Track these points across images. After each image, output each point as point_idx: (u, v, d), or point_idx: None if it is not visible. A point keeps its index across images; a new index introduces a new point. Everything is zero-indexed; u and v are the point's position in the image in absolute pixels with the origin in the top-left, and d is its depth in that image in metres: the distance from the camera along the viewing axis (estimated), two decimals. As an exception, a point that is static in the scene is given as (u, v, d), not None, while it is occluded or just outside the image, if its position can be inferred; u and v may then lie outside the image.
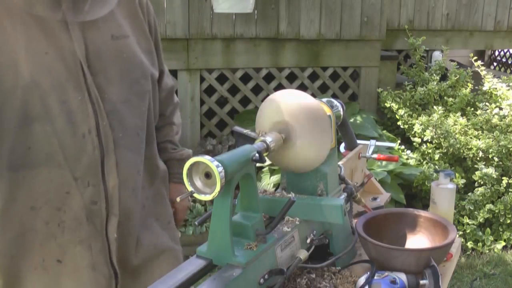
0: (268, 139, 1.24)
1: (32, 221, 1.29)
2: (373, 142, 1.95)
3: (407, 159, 4.09)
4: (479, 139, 3.94)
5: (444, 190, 1.66)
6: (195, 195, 1.10)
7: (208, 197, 1.08)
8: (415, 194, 4.04)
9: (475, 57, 4.52)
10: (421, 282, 1.29)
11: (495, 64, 6.89)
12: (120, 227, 1.37)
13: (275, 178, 3.57)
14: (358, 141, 1.90)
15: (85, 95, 1.28)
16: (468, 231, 3.69)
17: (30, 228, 1.29)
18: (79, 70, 1.28)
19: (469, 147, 3.90)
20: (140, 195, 1.42)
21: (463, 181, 3.85)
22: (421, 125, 4.10)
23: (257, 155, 1.16)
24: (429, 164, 4.00)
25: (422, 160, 4.12)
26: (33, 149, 1.25)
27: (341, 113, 1.55)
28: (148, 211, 1.48)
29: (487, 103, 4.30)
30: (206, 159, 1.06)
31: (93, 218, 1.33)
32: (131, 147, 1.38)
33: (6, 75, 1.21)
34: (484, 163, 3.88)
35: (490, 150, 3.83)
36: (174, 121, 1.66)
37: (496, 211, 3.68)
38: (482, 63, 4.53)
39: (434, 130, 4.02)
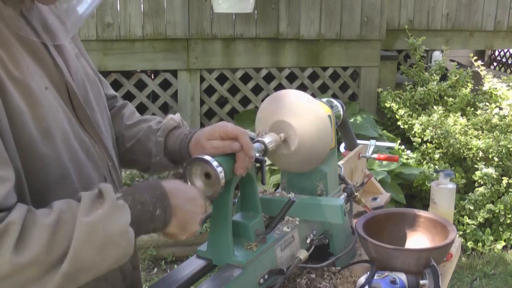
0: (266, 139, 1.23)
1: None
2: (373, 142, 1.95)
3: (407, 159, 4.09)
4: (479, 139, 3.94)
5: (444, 190, 1.66)
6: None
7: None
8: (415, 194, 4.04)
9: (475, 57, 4.52)
10: (421, 282, 1.29)
11: (495, 64, 6.89)
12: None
13: (275, 178, 3.57)
14: (358, 141, 1.90)
15: (86, 135, 1.06)
16: (468, 231, 3.69)
17: None
18: (69, 104, 1.03)
19: (469, 147, 3.90)
20: None
21: (463, 181, 3.85)
22: (421, 125, 4.09)
23: (257, 155, 1.16)
24: (429, 164, 4.00)
25: (422, 160, 4.11)
26: None
27: (341, 113, 1.55)
28: None
29: (487, 103, 4.29)
30: (206, 159, 1.06)
31: (126, 279, 1.16)
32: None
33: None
34: (484, 163, 3.88)
35: (490, 150, 3.83)
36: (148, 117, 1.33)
37: (496, 211, 3.68)
38: (482, 63, 4.52)
39: (434, 130, 4.02)
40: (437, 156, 4.02)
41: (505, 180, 3.75)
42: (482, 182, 3.80)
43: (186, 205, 0.99)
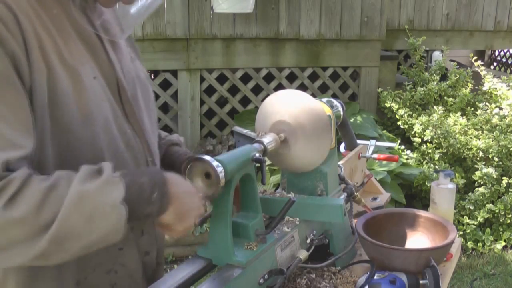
0: (266, 140, 1.23)
1: None
2: (373, 142, 1.95)
3: (407, 159, 4.09)
4: (479, 139, 3.94)
5: (444, 190, 1.66)
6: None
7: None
8: (415, 194, 4.04)
9: (475, 57, 4.52)
10: (421, 282, 1.29)
11: (495, 64, 6.89)
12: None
13: (275, 178, 3.57)
14: (358, 141, 1.90)
15: (130, 127, 1.10)
16: (468, 231, 3.69)
17: None
18: (117, 98, 1.09)
19: (469, 147, 3.90)
20: None
21: (463, 181, 3.85)
22: (421, 125, 4.09)
23: (257, 155, 1.16)
24: (429, 164, 4.00)
25: (422, 160, 4.11)
26: None
27: (341, 113, 1.55)
28: None
29: (487, 103, 4.29)
30: (206, 159, 1.06)
31: (147, 271, 1.17)
32: None
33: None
34: (484, 163, 3.88)
35: (490, 150, 3.83)
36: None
37: (496, 211, 3.68)
38: (482, 63, 4.52)
39: (434, 130, 4.02)
40: (437, 156, 4.02)
41: (505, 180, 3.75)
42: (482, 182, 3.79)
43: (184, 197, 1.02)
